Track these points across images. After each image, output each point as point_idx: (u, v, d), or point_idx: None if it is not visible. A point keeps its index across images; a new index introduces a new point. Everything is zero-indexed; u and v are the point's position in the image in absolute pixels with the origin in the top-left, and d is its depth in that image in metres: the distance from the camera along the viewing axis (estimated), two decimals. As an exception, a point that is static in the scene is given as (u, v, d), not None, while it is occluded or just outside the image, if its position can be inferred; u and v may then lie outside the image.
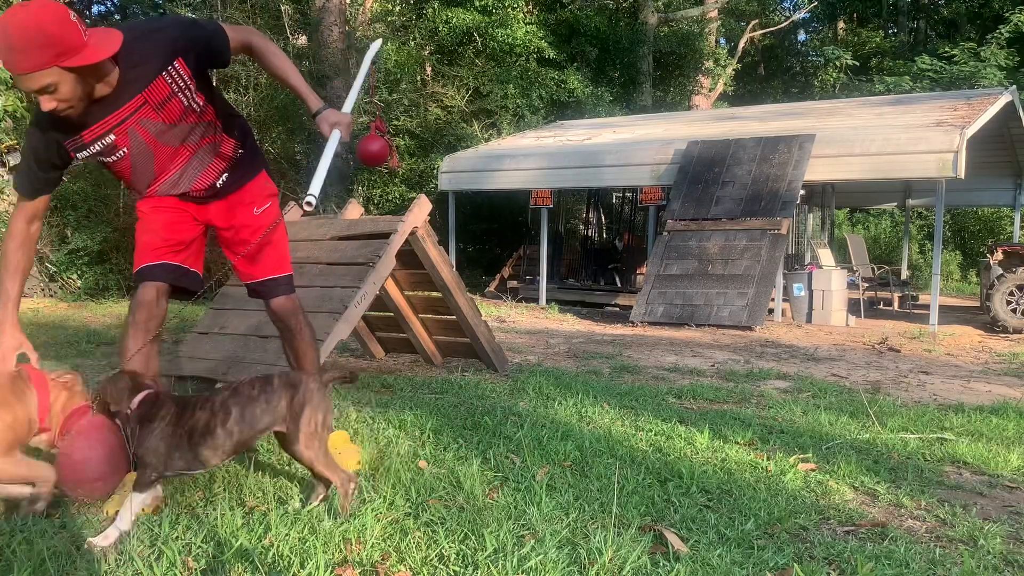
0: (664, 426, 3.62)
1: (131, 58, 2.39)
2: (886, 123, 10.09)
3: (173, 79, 2.48)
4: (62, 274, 10.81)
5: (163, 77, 2.46)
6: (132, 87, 2.43)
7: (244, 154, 2.82)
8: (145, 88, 2.44)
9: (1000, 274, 9.15)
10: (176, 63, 2.47)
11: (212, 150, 2.71)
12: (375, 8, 16.10)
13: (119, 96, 2.42)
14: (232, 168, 2.79)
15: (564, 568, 2.02)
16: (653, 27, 18.57)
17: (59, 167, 2.57)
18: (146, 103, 2.48)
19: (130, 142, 2.54)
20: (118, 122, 2.47)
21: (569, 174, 11.52)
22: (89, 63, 2.23)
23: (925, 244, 18.08)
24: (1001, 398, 4.88)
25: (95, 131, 2.45)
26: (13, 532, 2.20)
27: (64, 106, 2.29)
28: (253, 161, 2.87)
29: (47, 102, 2.25)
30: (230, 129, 2.76)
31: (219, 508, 2.36)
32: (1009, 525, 2.50)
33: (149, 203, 2.74)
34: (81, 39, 2.20)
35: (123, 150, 2.55)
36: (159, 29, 2.50)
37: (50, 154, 2.51)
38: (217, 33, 2.57)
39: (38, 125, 2.47)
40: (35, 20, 2.14)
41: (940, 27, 26.24)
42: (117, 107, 2.44)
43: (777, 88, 26.74)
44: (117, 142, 2.51)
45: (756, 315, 8.50)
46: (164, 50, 2.44)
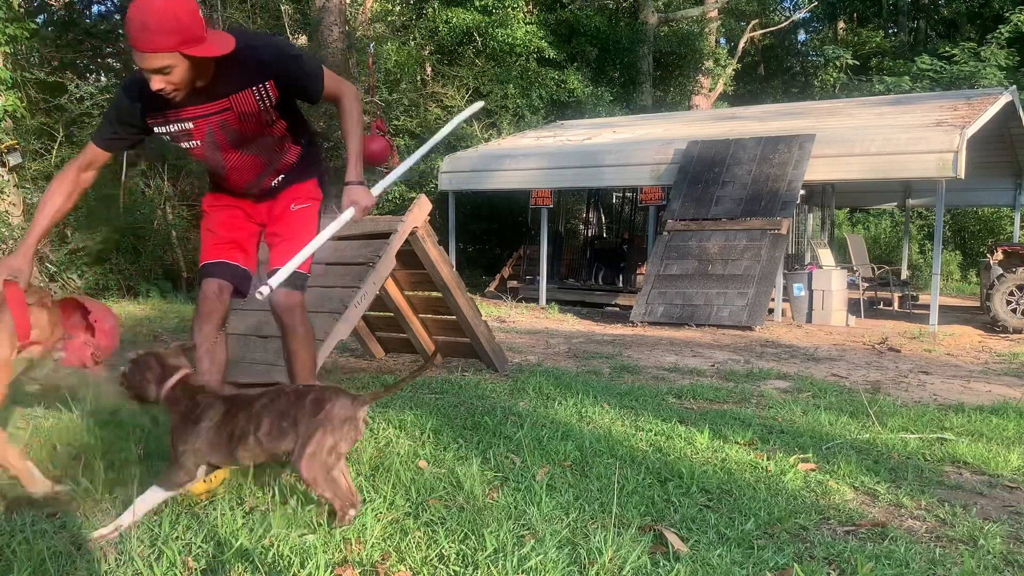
0: (664, 426, 3.62)
1: (230, 63, 2.53)
2: (886, 123, 10.09)
3: (261, 96, 2.65)
4: (62, 274, 10.81)
5: (252, 91, 2.63)
6: (223, 89, 2.58)
7: (304, 160, 2.95)
8: (235, 94, 2.61)
9: (1000, 274, 9.14)
10: (267, 84, 2.63)
11: (277, 159, 2.86)
12: (375, 8, 16.11)
13: (210, 93, 2.57)
14: (289, 171, 2.92)
15: (564, 568, 2.02)
16: (653, 27, 18.56)
17: (136, 130, 2.66)
18: (230, 108, 2.64)
19: (205, 137, 2.68)
20: (200, 115, 2.62)
21: (569, 174, 11.53)
22: (207, 56, 2.41)
23: (925, 244, 18.08)
24: (1001, 398, 4.88)
25: (179, 115, 2.61)
26: (13, 532, 2.20)
27: (171, 88, 2.43)
28: (310, 166, 2.99)
29: (158, 82, 2.40)
30: (297, 138, 2.88)
31: (219, 508, 2.36)
32: (1009, 525, 2.50)
33: (211, 199, 2.93)
34: (204, 32, 2.40)
35: (197, 142, 2.69)
36: (263, 48, 2.64)
37: (132, 116, 2.62)
38: (314, 77, 2.72)
39: (128, 91, 2.60)
40: (171, 6, 2.32)
41: (940, 27, 26.23)
42: (204, 102, 2.59)
43: (777, 88, 26.74)
44: (194, 133, 2.66)
45: (756, 315, 8.49)
46: (261, 69, 2.61)
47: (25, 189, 11.41)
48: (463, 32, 15.38)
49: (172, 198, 11.76)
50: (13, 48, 11.35)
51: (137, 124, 2.65)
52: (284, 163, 2.89)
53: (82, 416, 3.49)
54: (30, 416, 3.67)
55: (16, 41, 11.08)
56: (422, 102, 14.76)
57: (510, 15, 15.23)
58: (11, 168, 10.90)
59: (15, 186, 11.07)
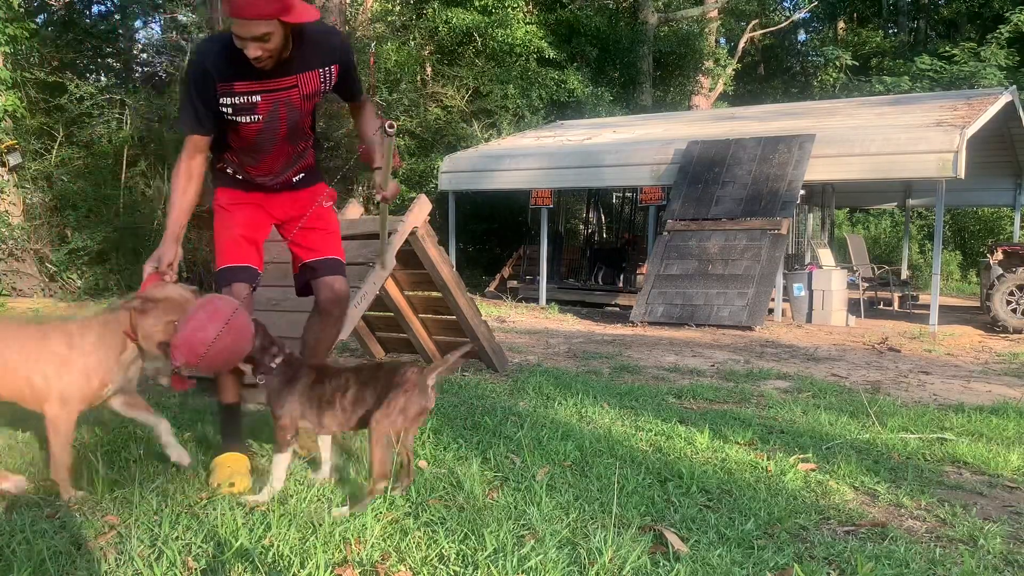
0: (664, 426, 3.62)
1: (307, 41, 2.60)
2: (886, 123, 10.09)
3: (325, 79, 2.72)
4: (62, 274, 10.81)
5: (320, 72, 2.69)
6: (296, 65, 2.62)
7: (315, 162, 3.05)
8: (304, 72, 2.64)
9: (1000, 274, 9.14)
10: (333, 68, 2.71)
11: (303, 154, 2.91)
12: (375, 8, 16.11)
13: (284, 67, 2.60)
14: (306, 171, 2.98)
15: (564, 568, 2.02)
16: (653, 27, 18.56)
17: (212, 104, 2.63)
18: (296, 86, 2.66)
19: (268, 113, 2.68)
20: (270, 90, 2.63)
21: (569, 174, 11.52)
22: (300, 21, 2.46)
23: (925, 244, 18.08)
24: (1001, 398, 4.88)
25: (250, 86, 2.60)
26: (13, 532, 2.20)
27: (266, 55, 2.47)
28: (318, 170, 3.09)
29: (255, 50, 2.44)
30: (313, 139, 2.96)
31: (219, 508, 2.36)
32: (1009, 525, 2.50)
33: (227, 195, 2.86)
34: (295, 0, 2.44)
35: (259, 116, 2.67)
36: (334, 32, 2.78)
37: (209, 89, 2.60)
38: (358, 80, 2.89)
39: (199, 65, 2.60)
40: None
41: (940, 27, 26.23)
42: (278, 76, 2.60)
43: (777, 88, 26.73)
44: (259, 107, 2.65)
45: (756, 315, 8.49)
46: (332, 52, 2.69)
47: (25, 189, 11.40)
48: (463, 32, 15.38)
49: (172, 198, 11.74)
50: (13, 48, 11.35)
51: (210, 95, 2.62)
52: (305, 161, 2.94)
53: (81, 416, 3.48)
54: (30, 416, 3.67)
55: (16, 41, 11.08)
56: (422, 102, 14.76)
57: (510, 15, 15.22)
58: (11, 168, 10.89)
59: (15, 186, 11.07)
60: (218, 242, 2.84)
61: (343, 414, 2.50)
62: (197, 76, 2.60)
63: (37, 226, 11.14)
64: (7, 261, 10.74)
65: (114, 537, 2.21)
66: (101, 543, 2.16)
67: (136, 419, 2.76)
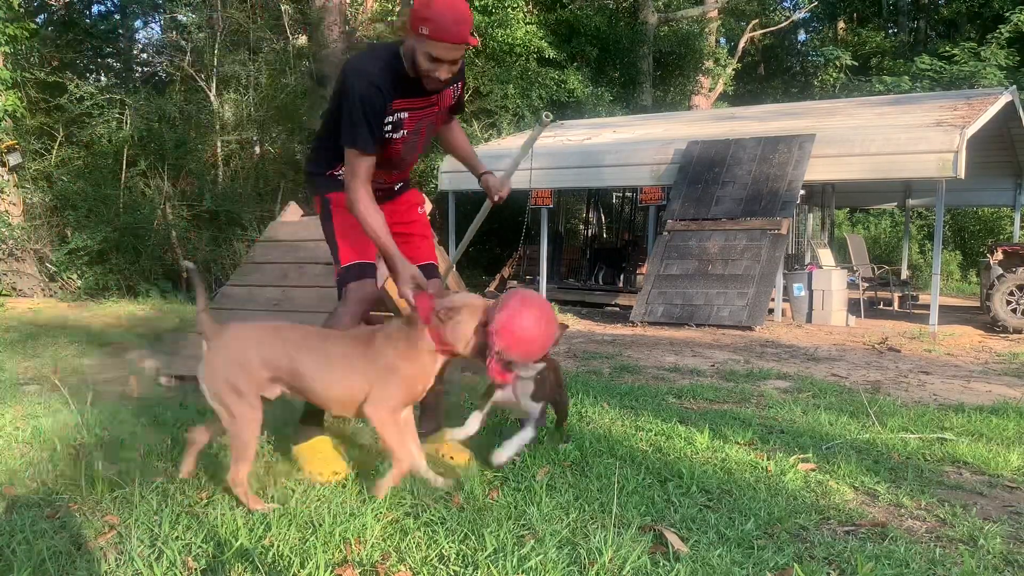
0: (664, 426, 3.62)
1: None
2: (886, 123, 10.08)
3: (455, 95, 2.93)
4: (62, 274, 10.81)
5: (453, 89, 2.88)
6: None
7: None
8: (446, 88, 2.81)
9: (1000, 274, 9.14)
10: (459, 84, 2.92)
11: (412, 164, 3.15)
12: (375, 8, 16.11)
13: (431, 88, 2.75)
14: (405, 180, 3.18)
15: (564, 568, 2.02)
16: (653, 27, 18.56)
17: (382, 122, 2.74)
18: (437, 104, 2.84)
19: (411, 131, 2.84)
20: (417, 108, 2.79)
21: (569, 174, 11.51)
22: (475, 45, 2.70)
23: (925, 244, 18.07)
24: (1001, 398, 4.88)
25: (403, 104, 2.75)
26: (13, 532, 2.20)
27: (448, 77, 2.66)
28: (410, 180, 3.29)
29: (445, 72, 2.63)
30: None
31: (219, 508, 2.36)
32: (1009, 525, 2.50)
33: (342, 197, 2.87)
34: None
35: (404, 132, 2.81)
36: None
37: (384, 109, 2.72)
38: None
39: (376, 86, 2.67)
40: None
41: (940, 27, 26.23)
42: (424, 95, 2.77)
43: (777, 88, 26.73)
44: (406, 124, 2.80)
45: (756, 315, 8.50)
46: (462, 70, 2.85)
47: (25, 189, 11.41)
48: (463, 32, 15.37)
49: (172, 198, 11.76)
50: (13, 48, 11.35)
51: (383, 114, 2.72)
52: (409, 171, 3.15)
53: (82, 416, 3.49)
54: (30, 416, 3.68)
55: (16, 41, 11.08)
56: (422, 102, 14.76)
57: (510, 15, 15.21)
58: (11, 168, 10.89)
59: (15, 186, 11.07)
60: (342, 240, 2.90)
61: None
62: (371, 95, 2.66)
63: (37, 226, 11.15)
64: (7, 261, 10.74)
65: (114, 537, 2.21)
66: (101, 543, 2.16)
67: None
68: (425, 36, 2.53)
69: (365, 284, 2.87)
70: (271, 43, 14.17)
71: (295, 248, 5.07)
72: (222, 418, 2.49)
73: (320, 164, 2.96)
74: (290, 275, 4.85)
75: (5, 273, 10.62)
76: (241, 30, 13.71)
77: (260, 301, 4.82)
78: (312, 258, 4.85)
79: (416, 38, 2.58)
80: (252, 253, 5.37)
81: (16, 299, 10.19)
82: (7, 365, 5.38)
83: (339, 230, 2.91)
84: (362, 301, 2.85)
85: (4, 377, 4.94)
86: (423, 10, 2.54)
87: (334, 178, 2.94)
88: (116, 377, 5.10)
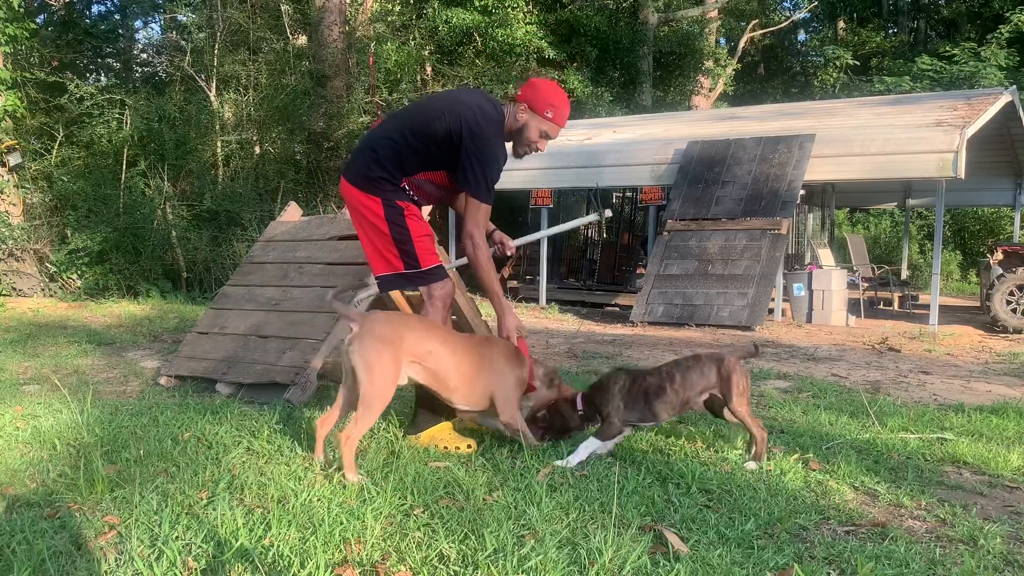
0: (664, 426, 3.61)
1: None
2: (886, 123, 10.08)
3: None
4: (62, 274, 10.81)
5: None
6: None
7: None
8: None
9: (1000, 274, 9.14)
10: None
11: None
12: (375, 8, 16.11)
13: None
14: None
15: (564, 568, 2.02)
16: (653, 27, 18.56)
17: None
18: None
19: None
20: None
21: (569, 174, 11.51)
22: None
23: (925, 244, 18.07)
24: (1001, 398, 4.88)
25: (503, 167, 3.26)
26: (13, 532, 2.20)
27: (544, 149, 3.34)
28: None
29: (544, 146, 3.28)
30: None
31: (219, 508, 2.36)
32: (1009, 525, 2.50)
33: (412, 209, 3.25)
34: None
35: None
36: None
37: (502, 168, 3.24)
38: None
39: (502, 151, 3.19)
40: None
41: (940, 27, 26.23)
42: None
43: (777, 88, 26.73)
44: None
45: (756, 315, 8.49)
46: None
47: (25, 189, 11.41)
48: (463, 32, 15.38)
49: (172, 198, 11.76)
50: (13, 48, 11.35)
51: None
52: None
53: (82, 416, 3.49)
54: (30, 416, 3.68)
55: (16, 41, 11.08)
56: (422, 102, 14.75)
57: (510, 15, 15.22)
58: (11, 168, 10.90)
59: (15, 186, 11.07)
60: (420, 243, 3.22)
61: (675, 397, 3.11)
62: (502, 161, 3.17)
63: (37, 226, 11.15)
64: (7, 261, 10.74)
65: (114, 537, 2.21)
66: (101, 543, 2.16)
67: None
68: (548, 119, 3.15)
69: (447, 284, 3.26)
70: (271, 43, 14.17)
71: (295, 248, 5.07)
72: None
73: (393, 172, 3.19)
74: (290, 275, 4.85)
75: (5, 273, 10.62)
76: (241, 30, 13.70)
77: (260, 300, 4.81)
78: (311, 258, 4.85)
79: (537, 117, 3.15)
80: (252, 253, 5.37)
81: (16, 299, 10.19)
82: (7, 365, 5.38)
83: (415, 234, 3.21)
84: (447, 298, 3.27)
85: (4, 377, 4.94)
86: (551, 97, 3.15)
87: (405, 191, 3.23)
88: (116, 377, 5.11)
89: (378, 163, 3.18)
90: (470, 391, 3.00)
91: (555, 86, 3.24)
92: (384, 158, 3.17)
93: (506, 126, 3.19)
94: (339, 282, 4.48)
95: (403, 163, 3.18)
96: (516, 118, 3.17)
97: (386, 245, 3.20)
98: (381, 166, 3.17)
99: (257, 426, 3.38)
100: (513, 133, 3.21)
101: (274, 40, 14.18)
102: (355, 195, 3.23)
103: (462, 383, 2.97)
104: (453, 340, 3.02)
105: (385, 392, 2.80)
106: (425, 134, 3.13)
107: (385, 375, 2.78)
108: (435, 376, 2.93)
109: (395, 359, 2.82)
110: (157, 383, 4.76)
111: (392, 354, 2.81)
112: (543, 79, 3.32)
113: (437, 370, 2.92)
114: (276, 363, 4.25)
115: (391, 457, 3.01)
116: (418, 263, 3.19)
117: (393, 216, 3.17)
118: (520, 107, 3.16)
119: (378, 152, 3.19)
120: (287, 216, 5.55)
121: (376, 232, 3.21)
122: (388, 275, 3.25)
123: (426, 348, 2.90)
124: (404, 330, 2.90)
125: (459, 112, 3.08)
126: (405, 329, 2.91)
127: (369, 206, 3.19)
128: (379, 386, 2.77)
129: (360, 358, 2.78)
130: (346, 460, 2.72)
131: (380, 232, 3.19)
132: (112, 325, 7.83)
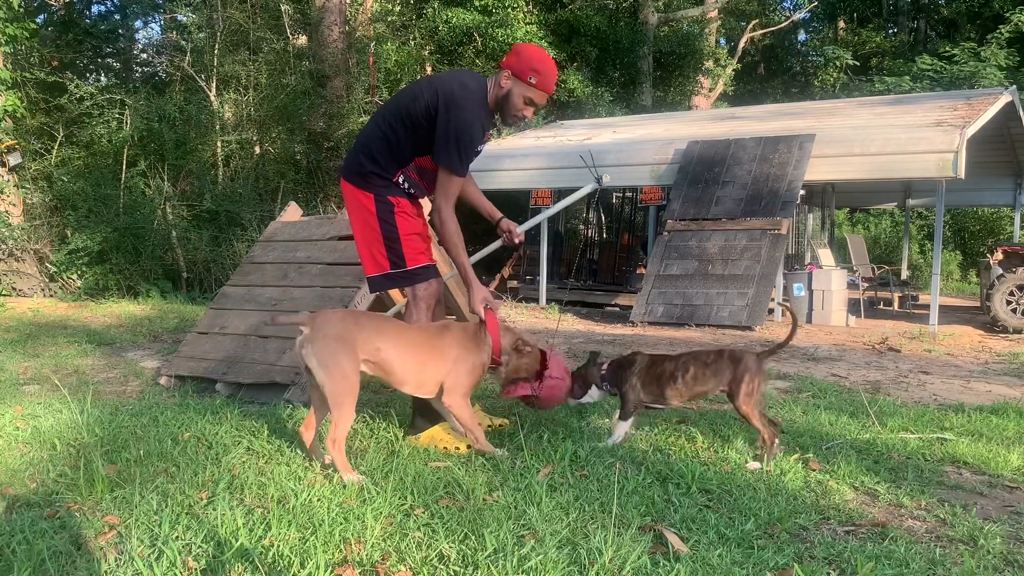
0: (664, 426, 3.62)
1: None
2: (886, 123, 10.08)
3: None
4: (62, 274, 10.81)
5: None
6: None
7: None
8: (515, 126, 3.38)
9: (1000, 274, 9.14)
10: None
11: None
12: (375, 8, 16.11)
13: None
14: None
15: (564, 568, 2.02)
16: (653, 27, 18.56)
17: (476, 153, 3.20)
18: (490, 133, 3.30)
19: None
20: (487, 141, 3.24)
21: (569, 174, 11.50)
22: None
23: (925, 244, 18.07)
24: (1001, 398, 4.88)
25: (486, 137, 3.20)
26: (13, 532, 2.20)
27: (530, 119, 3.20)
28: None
29: (532, 113, 3.16)
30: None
31: (219, 508, 2.36)
32: (1009, 525, 2.50)
33: (403, 204, 3.22)
34: None
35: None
36: None
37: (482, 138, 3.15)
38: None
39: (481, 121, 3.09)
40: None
41: (940, 27, 26.23)
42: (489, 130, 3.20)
43: (777, 88, 26.73)
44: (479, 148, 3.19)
45: (756, 315, 8.49)
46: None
47: (25, 189, 11.41)
48: (463, 32, 15.38)
49: (172, 198, 11.76)
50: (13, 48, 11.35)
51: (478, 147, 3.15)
52: None
53: (82, 416, 3.49)
54: (30, 416, 3.68)
55: (16, 41, 11.08)
56: (422, 102, 14.75)
57: (510, 15, 15.22)
58: (11, 168, 10.89)
59: (15, 186, 11.07)
60: (408, 241, 3.20)
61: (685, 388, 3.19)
62: (477, 131, 3.06)
63: (37, 226, 11.14)
64: (7, 261, 10.74)
65: (114, 537, 2.21)
66: (101, 543, 2.16)
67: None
68: (532, 84, 3.02)
69: (432, 284, 3.23)
70: (271, 43, 14.16)
71: (295, 248, 5.07)
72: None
73: (386, 165, 3.17)
74: (290, 275, 4.85)
75: (5, 273, 10.61)
76: (241, 30, 13.70)
77: (260, 300, 4.82)
78: (311, 258, 4.85)
79: (520, 83, 3.03)
80: (252, 253, 5.37)
81: (16, 299, 10.19)
82: (7, 365, 5.38)
83: (402, 231, 3.18)
84: (430, 298, 3.23)
85: (4, 377, 4.94)
86: (534, 62, 3.02)
87: (398, 185, 3.20)
88: (116, 377, 5.11)
89: (370, 157, 3.17)
90: (419, 381, 3.03)
91: (540, 51, 3.12)
92: (376, 151, 3.16)
93: (491, 96, 3.11)
94: (339, 282, 4.48)
95: (395, 152, 3.16)
96: (500, 85, 3.08)
97: (377, 244, 3.20)
98: (373, 160, 3.17)
99: (257, 426, 3.38)
100: (500, 102, 3.11)
101: (274, 40, 14.18)
102: (351, 192, 3.24)
103: (409, 374, 3.00)
104: (399, 333, 3.02)
105: (349, 387, 2.81)
106: (409, 116, 3.11)
107: (343, 371, 2.81)
108: (383, 369, 2.96)
109: (350, 353, 2.84)
110: (157, 383, 4.76)
111: (346, 349, 2.83)
112: (528, 44, 3.25)
113: (382, 362, 2.95)
114: (276, 363, 4.25)
115: (391, 457, 3.01)
116: (404, 262, 3.19)
117: (383, 213, 3.17)
118: (504, 74, 3.07)
119: (370, 146, 3.19)
120: (287, 216, 5.55)
121: (369, 230, 3.21)
122: (376, 276, 3.26)
123: (374, 345, 2.92)
124: (354, 326, 2.92)
125: (436, 87, 3.06)
126: (355, 326, 2.93)
127: (363, 203, 3.20)
128: (340, 383, 2.80)
129: (315, 359, 2.81)
130: (339, 463, 2.74)
131: (373, 230, 3.20)
132: (112, 325, 7.83)
